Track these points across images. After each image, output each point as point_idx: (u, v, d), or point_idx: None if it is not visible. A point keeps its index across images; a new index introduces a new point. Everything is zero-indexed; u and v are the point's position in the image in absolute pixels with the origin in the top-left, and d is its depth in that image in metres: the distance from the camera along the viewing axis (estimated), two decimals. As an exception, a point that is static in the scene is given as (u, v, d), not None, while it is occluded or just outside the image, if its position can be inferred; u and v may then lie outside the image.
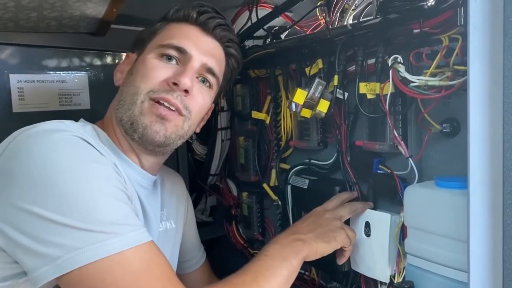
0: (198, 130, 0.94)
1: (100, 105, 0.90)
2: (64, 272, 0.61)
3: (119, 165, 0.79)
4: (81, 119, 0.86)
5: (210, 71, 0.87)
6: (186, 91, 0.81)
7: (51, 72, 1.14)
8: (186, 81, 0.81)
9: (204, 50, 0.86)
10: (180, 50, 0.83)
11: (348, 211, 0.88)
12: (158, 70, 0.82)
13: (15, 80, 1.07)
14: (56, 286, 0.66)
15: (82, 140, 0.71)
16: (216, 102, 0.99)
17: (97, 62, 1.22)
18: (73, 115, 0.88)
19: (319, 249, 0.80)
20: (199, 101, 0.86)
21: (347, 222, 0.90)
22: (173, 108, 0.81)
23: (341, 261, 0.88)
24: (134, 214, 0.71)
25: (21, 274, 0.67)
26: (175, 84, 0.80)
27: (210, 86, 0.89)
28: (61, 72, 1.15)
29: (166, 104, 0.80)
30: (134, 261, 0.65)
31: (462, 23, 0.66)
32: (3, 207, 0.64)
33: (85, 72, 1.20)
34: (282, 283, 0.74)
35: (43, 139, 0.68)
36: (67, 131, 0.70)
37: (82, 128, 0.77)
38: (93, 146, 0.72)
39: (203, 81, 0.87)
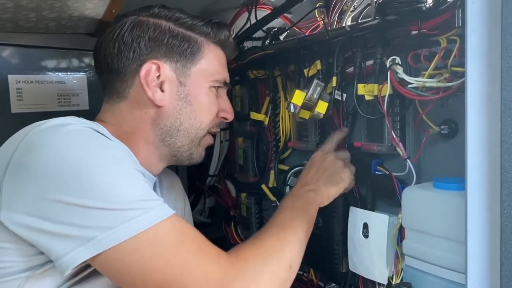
0: None
1: (99, 106, 0.89)
2: (100, 250, 0.62)
3: None
4: (81, 118, 0.86)
5: None
6: None
7: (50, 73, 1.14)
8: (232, 117, 0.92)
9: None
10: (226, 84, 0.90)
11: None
12: (215, 104, 0.88)
13: (14, 80, 1.08)
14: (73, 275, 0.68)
15: (95, 130, 0.72)
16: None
17: (96, 62, 1.22)
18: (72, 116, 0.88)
19: (331, 193, 0.86)
20: None
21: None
22: None
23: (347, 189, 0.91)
24: (153, 191, 0.73)
25: (38, 267, 0.67)
26: (224, 118, 0.91)
27: None
28: (59, 73, 1.15)
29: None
30: (168, 232, 0.67)
31: (460, 24, 0.66)
32: (26, 201, 0.64)
33: (84, 73, 1.20)
34: (304, 231, 0.80)
35: (58, 132, 0.69)
36: (79, 123, 0.72)
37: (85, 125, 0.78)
38: (105, 136, 0.73)
39: None
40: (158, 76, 0.82)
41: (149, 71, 0.81)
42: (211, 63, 0.87)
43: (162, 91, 0.82)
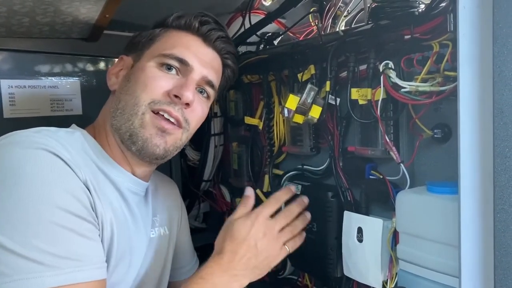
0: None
1: (92, 111, 0.89)
2: None
3: (109, 173, 0.79)
4: (73, 125, 0.85)
5: (209, 83, 0.88)
6: (187, 104, 0.81)
7: (43, 78, 1.13)
8: (189, 95, 0.80)
9: (204, 62, 0.86)
10: (181, 61, 0.83)
11: (285, 219, 0.87)
12: (159, 80, 0.81)
13: (6, 85, 1.07)
14: None
15: (52, 154, 0.68)
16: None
17: (90, 67, 1.22)
18: (65, 121, 0.88)
19: (252, 280, 0.83)
20: (199, 113, 0.87)
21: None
22: (173, 121, 0.81)
23: None
24: (91, 248, 0.68)
25: None
26: (176, 96, 0.80)
27: (208, 96, 0.90)
28: (53, 78, 1.15)
29: (166, 116, 0.80)
30: None
31: (452, 29, 0.66)
32: None
33: (77, 78, 1.19)
34: None
35: (8, 153, 0.66)
36: (37, 143, 0.68)
37: (70, 136, 0.77)
38: (63, 161, 0.69)
39: (201, 92, 0.88)
40: (121, 68, 0.87)
41: (114, 64, 0.87)
42: (163, 44, 0.85)
43: (117, 78, 0.86)
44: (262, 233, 0.83)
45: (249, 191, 0.91)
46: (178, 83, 0.82)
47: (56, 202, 0.65)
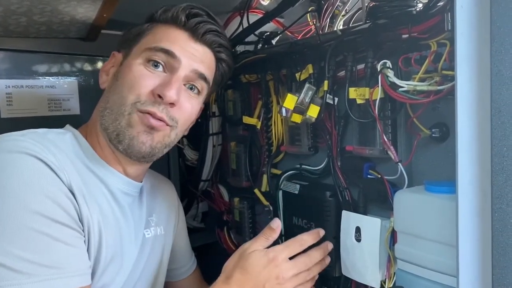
0: (186, 133, 0.93)
1: (89, 111, 0.88)
2: None
3: (100, 174, 0.79)
4: (67, 125, 0.85)
5: (201, 76, 0.85)
6: (171, 103, 0.80)
7: (41, 78, 1.13)
8: (171, 94, 0.78)
9: (193, 56, 0.84)
10: (168, 53, 0.80)
11: (304, 266, 0.83)
12: (144, 80, 0.79)
13: (3, 85, 1.06)
14: None
15: (34, 158, 0.66)
16: (206, 103, 0.98)
17: (87, 67, 1.21)
18: (63, 121, 0.88)
19: None
20: (187, 110, 0.84)
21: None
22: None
23: None
24: (72, 254, 0.67)
25: None
26: (160, 96, 0.78)
27: (198, 92, 0.87)
28: (50, 78, 1.15)
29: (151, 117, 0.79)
30: None
31: (450, 28, 0.66)
32: None
33: (75, 78, 1.19)
34: None
35: None
36: (20, 147, 0.67)
37: (60, 137, 0.76)
38: (47, 165, 0.67)
39: (191, 88, 0.86)
40: (112, 65, 0.86)
41: (106, 61, 0.87)
42: (149, 38, 0.83)
43: (107, 75, 0.86)
44: (274, 276, 0.79)
45: (276, 224, 0.84)
46: (163, 82, 0.80)
47: (35, 207, 0.63)
